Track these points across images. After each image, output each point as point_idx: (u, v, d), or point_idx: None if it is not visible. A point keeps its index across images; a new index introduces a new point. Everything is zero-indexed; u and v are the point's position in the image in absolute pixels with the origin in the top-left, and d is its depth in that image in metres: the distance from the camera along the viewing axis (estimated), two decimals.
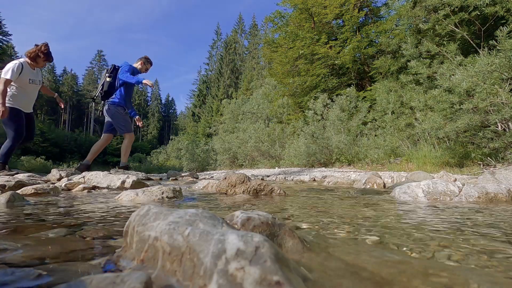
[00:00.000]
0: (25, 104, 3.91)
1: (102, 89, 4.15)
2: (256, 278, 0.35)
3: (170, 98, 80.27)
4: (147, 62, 4.52)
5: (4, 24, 36.34)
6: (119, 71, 4.20)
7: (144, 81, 4.03)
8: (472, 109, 4.75)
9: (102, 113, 4.32)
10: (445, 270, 0.53)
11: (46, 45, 3.88)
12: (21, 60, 3.78)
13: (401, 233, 0.87)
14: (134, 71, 4.33)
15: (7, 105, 3.66)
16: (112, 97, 4.19)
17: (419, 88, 7.17)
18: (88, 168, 4.19)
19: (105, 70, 4.29)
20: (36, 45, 3.84)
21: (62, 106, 4.40)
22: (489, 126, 4.84)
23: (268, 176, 5.93)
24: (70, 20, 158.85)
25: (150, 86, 4.01)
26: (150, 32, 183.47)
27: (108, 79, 4.13)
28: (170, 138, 27.15)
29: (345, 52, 11.73)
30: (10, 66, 3.68)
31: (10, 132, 3.74)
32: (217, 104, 35.17)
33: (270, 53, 15.19)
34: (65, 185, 2.36)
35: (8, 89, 3.73)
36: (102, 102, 4.30)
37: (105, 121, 4.35)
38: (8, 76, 3.62)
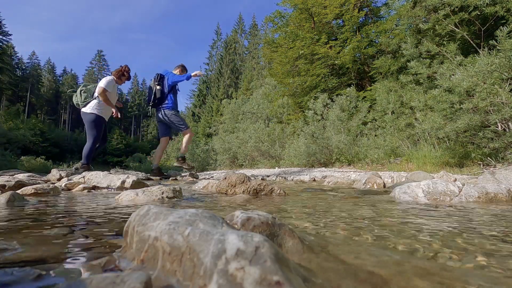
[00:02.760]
0: (108, 114, 4.48)
1: (155, 97, 4.46)
2: (256, 278, 0.35)
3: None
4: (184, 69, 4.92)
5: (4, 24, 36.38)
6: (166, 78, 4.55)
7: (192, 74, 4.43)
8: (472, 109, 4.75)
9: (158, 119, 4.71)
10: (445, 270, 0.53)
11: (127, 66, 4.62)
12: (111, 77, 4.46)
13: (401, 233, 0.87)
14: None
15: (96, 112, 4.27)
16: (166, 102, 4.53)
17: (419, 88, 7.16)
18: (160, 170, 4.74)
19: (152, 80, 4.62)
20: (121, 66, 4.61)
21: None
22: (489, 126, 4.83)
23: (268, 176, 5.94)
24: (69, 20, 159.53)
25: (200, 76, 4.43)
26: (149, 32, 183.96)
27: (158, 87, 4.48)
28: (170, 138, 27.09)
29: (345, 52, 11.72)
30: (109, 79, 4.36)
31: (91, 136, 4.28)
32: (217, 104, 35.13)
33: (270, 53, 15.17)
34: (65, 185, 2.36)
35: (99, 100, 4.33)
36: (154, 108, 4.64)
37: (159, 126, 4.77)
38: (107, 88, 4.30)
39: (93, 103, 4.31)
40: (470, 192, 1.70)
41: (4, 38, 36.59)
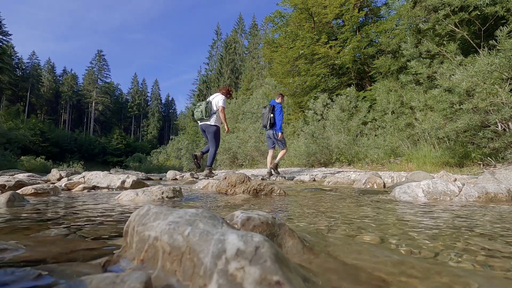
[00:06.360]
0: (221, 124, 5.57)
1: (270, 122, 5.77)
2: (256, 278, 0.35)
3: (170, 98, 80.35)
4: (283, 97, 6.14)
5: (4, 24, 36.38)
6: (276, 109, 5.82)
7: (279, 133, 5.70)
8: (472, 109, 4.74)
9: (268, 135, 6.03)
10: (445, 270, 0.53)
11: (231, 86, 6.52)
12: (223, 96, 5.53)
13: (401, 233, 0.87)
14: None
15: (218, 124, 5.39)
16: (276, 126, 5.81)
17: (419, 88, 7.16)
18: (271, 171, 5.76)
19: (267, 108, 5.88)
20: (224, 86, 5.71)
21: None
22: (489, 126, 4.83)
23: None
24: (68, 20, 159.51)
25: (280, 139, 5.71)
26: (149, 32, 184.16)
27: (271, 115, 5.79)
28: (170, 138, 27.10)
29: (345, 52, 11.71)
30: (224, 98, 5.49)
31: (214, 143, 5.40)
32: None
33: (270, 53, 15.17)
34: (65, 185, 2.36)
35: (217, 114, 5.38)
36: (268, 127, 5.92)
37: (268, 140, 6.12)
38: (225, 106, 5.49)
39: (214, 116, 5.37)
40: (470, 192, 1.70)
41: (4, 38, 36.58)
